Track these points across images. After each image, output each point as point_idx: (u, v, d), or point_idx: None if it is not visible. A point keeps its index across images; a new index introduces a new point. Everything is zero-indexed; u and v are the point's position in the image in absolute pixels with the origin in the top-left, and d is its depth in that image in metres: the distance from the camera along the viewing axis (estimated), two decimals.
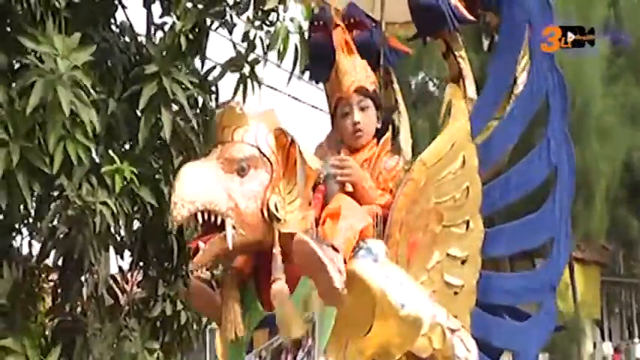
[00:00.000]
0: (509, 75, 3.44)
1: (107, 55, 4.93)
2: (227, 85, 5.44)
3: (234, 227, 2.77)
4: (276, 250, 2.80)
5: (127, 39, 5.27)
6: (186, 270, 5.03)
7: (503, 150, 3.44)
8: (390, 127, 3.46)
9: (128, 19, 5.36)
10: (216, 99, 5.31)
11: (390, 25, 3.82)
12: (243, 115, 2.88)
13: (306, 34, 4.06)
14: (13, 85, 4.30)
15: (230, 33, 5.20)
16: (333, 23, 3.48)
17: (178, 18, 4.79)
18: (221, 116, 2.91)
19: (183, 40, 4.73)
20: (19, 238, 5.00)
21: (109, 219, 4.39)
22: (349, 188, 3.14)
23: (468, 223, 3.22)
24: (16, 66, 4.50)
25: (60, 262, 4.87)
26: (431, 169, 3.14)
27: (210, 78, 5.25)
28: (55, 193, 4.72)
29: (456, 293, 3.18)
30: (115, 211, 4.43)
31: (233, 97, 5.08)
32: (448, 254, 3.17)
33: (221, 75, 5.21)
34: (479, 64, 6.84)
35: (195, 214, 2.72)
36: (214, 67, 5.28)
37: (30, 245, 5.04)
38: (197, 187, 2.73)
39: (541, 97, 3.49)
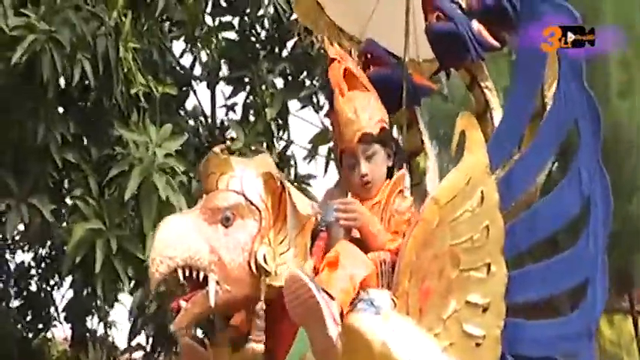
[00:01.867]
0: (530, 101, 3.18)
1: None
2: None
3: (217, 283, 2.60)
4: (259, 306, 2.62)
5: (193, 121, 5.70)
6: None
7: (526, 184, 3.19)
8: (405, 165, 3.24)
9: (200, 103, 5.59)
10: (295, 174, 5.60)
11: (412, 63, 3.62)
12: (227, 160, 2.72)
13: None
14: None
15: (317, 112, 5.54)
16: (328, 60, 3.22)
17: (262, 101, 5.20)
18: (205, 163, 2.74)
19: (273, 125, 4.92)
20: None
21: None
22: (356, 234, 2.92)
23: (489, 266, 2.95)
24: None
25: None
26: (444, 207, 2.89)
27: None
28: None
29: (477, 345, 2.91)
30: None
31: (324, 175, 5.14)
32: (467, 302, 2.91)
33: (311, 154, 5.33)
34: None
35: (176, 271, 2.55)
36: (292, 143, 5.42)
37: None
38: (176, 240, 2.57)
39: (570, 123, 3.23)
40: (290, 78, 5.61)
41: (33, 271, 5.80)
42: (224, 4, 5.86)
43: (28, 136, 4.38)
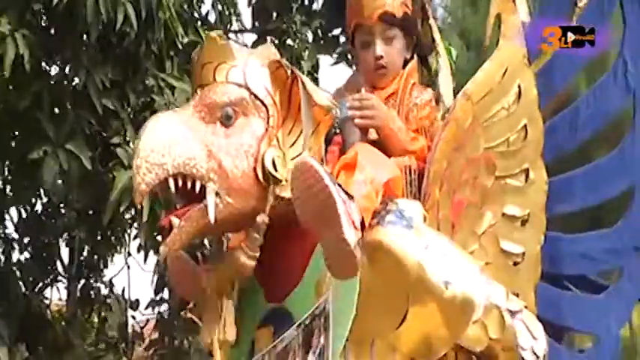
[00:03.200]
0: None
1: None
2: None
3: (217, 194, 2.19)
4: (261, 217, 2.24)
5: None
6: None
7: (568, 76, 2.87)
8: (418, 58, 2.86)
9: None
10: None
11: None
12: (227, 47, 2.30)
13: None
14: None
15: (350, 67, 5.20)
16: None
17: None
18: (200, 51, 2.31)
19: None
20: None
21: None
22: (373, 135, 2.57)
23: (527, 172, 2.63)
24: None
25: None
26: (478, 105, 2.56)
27: None
28: None
29: (515, 264, 2.61)
30: None
31: None
32: (504, 214, 2.60)
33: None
34: None
35: (166, 180, 2.14)
36: None
37: None
38: (167, 143, 2.15)
39: (613, 6, 2.89)
40: (321, 33, 5.45)
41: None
42: None
43: (68, 80, 4.35)
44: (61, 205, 5.21)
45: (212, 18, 5.54)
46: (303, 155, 2.22)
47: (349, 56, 5.30)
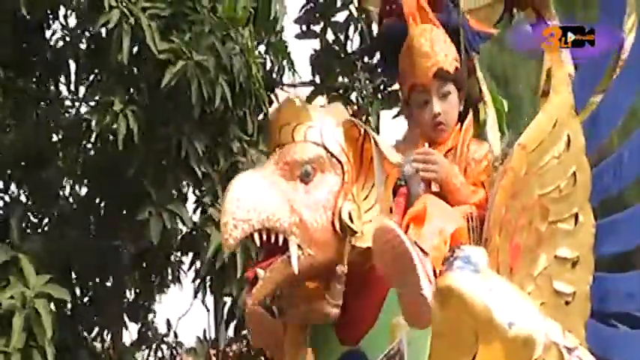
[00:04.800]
0: (614, 38, 3.01)
1: None
2: None
3: (299, 247, 2.36)
4: (340, 268, 2.41)
5: None
6: None
7: (612, 124, 3.07)
8: (471, 110, 3.04)
9: None
10: None
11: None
12: (304, 109, 2.48)
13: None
14: None
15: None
16: None
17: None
18: (277, 113, 2.50)
19: None
20: None
21: None
22: (436, 188, 2.75)
23: (576, 216, 2.83)
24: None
25: None
26: (532, 154, 2.73)
27: None
28: None
29: (567, 303, 2.81)
30: None
31: None
32: (556, 256, 2.80)
33: None
34: None
35: (252, 235, 2.31)
36: None
37: None
38: (252, 200, 2.31)
39: None
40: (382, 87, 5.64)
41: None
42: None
43: (172, 149, 4.73)
44: None
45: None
46: (385, 220, 2.38)
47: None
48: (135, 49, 4.63)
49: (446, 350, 2.37)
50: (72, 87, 5.35)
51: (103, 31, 4.68)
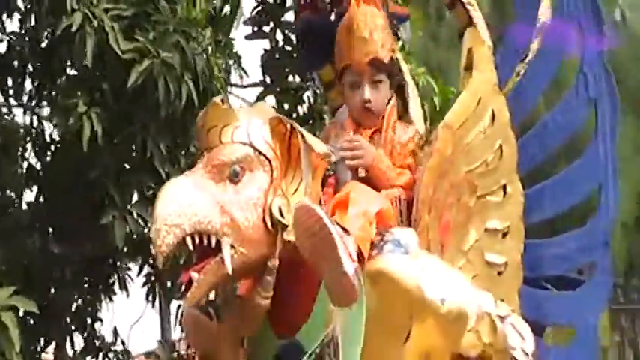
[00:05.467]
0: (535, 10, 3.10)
1: None
2: None
3: (232, 246, 2.41)
4: (272, 262, 2.47)
5: None
6: None
7: (536, 95, 3.16)
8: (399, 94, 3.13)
9: None
10: None
11: None
12: (230, 110, 2.53)
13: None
14: None
15: None
16: None
17: None
18: (204, 116, 2.52)
19: None
20: None
21: None
22: (362, 174, 2.84)
23: (504, 187, 2.93)
24: None
25: None
26: (457, 132, 2.85)
27: None
28: None
29: (499, 273, 2.91)
30: None
31: None
32: (486, 229, 2.90)
33: None
34: None
35: (184, 240, 2.35)
36: None
37: None
38: (182, 205, 2.36)
39: (573, 24, 3.18)
40: None
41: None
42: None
43: (137, 150, 4.80)
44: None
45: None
46: (302, 199, 2.45)
47: None
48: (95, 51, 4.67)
49: (381, 333, 2.49)
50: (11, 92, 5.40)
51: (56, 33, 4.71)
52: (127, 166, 4.89)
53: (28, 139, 5.31)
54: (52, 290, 5.28)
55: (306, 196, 2.53)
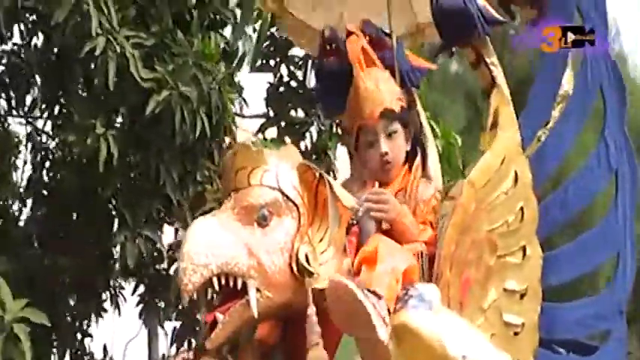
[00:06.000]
0: (559, 74, 3.16)
1: None
2: None
3: (258, 290, 2.44)
4: (311, 310, 2.48)
5: None
6: None
7: (558, 159, 3.17)
8: (420, 149, 3.19)
9: None
10: None
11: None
12: (260, 153, 2.57)
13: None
14: None
15: None
16: (345, 32, 3.17)
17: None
18: (233, 158, 2.57)
19: None
20: None
21: None
22: (386, 226, 2.87)
23: (524, 249, 2.95)
24: None
25: None
26: (480, 191, 2.87)
27: None
28: None
29: (516, 334, 2.91)
30: None
31: None
32: (505, 289, 2.91)
33: None
34: None
35: (211, 280, 2.39)
36: None
37: None
38: (210, 245, 2.39)
39: (596, 92, 3.23)
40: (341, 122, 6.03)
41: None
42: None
43: (151, 175, 4.97)
44: None
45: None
46: (335, 275, 2.48)
47: None
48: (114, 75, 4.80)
49: None
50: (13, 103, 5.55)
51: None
52: (139, 188, 5.04)
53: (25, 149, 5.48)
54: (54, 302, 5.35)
55: (332, 245, 2.55)
